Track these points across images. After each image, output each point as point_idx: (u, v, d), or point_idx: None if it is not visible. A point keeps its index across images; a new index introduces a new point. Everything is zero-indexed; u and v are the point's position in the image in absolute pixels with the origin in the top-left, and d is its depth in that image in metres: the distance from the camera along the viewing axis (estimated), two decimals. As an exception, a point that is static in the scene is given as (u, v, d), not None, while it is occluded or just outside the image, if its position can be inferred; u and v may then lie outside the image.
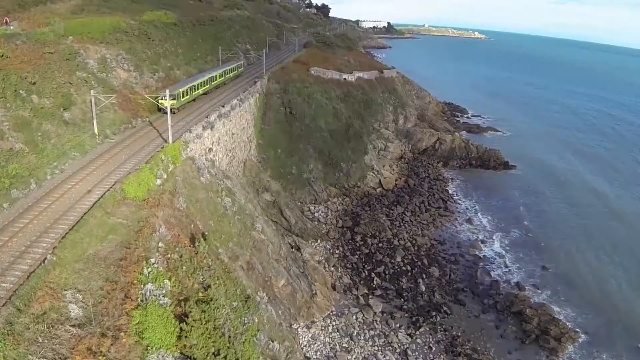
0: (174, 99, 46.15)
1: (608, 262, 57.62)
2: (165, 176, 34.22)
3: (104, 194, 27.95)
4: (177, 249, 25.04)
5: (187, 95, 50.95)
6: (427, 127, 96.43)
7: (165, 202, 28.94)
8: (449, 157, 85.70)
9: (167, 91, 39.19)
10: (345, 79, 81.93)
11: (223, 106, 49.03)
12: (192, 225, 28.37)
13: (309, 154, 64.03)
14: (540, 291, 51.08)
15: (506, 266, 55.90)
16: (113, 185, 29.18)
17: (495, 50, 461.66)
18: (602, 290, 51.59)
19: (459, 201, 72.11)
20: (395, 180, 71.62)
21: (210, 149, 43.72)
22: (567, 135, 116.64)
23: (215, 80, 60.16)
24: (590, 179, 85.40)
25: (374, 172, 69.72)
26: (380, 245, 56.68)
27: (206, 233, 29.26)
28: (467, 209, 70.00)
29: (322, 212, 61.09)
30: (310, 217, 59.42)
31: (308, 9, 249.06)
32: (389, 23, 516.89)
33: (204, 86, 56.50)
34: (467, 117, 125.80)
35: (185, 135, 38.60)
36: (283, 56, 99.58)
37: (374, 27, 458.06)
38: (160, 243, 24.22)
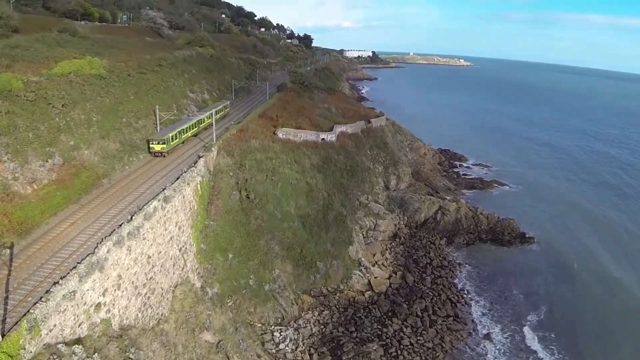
0: (164, 143, 48.70)
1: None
2: None
3: None
4: None
5: (176, 139, 51.73)
6: (424, 189, 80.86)
7: None
8: (454, 231, 69.44)
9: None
10: (323, 139, 65.75)
11: (131, 218, 32.06)
12: None
13: (273, 254, 47.16)
14: None
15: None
16: None
17: (482, 79, 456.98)
18: None
19: (472, 302, 55.59)
20: (389, 277, 54.89)
21: (99, 305, 26.81)
22: (575, 192, 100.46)
23: (204, 122, 60.92)
24: (614, 261, 68.25)
25: (361, 270, 53.12)
26: (372, 396, 39.94)
27: None
28: (483, 314, 53.57)
29: (290, 339, 43.88)
30: (274, 350, 42.31)
31: (289, 40, 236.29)
32: (373, 52, 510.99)
33: (193, 129, 57.67)
34: (467, 167, 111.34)
35: (36, 310, 21.64)
36: (251, 104, 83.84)
37: (358, 56, 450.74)
38: None
